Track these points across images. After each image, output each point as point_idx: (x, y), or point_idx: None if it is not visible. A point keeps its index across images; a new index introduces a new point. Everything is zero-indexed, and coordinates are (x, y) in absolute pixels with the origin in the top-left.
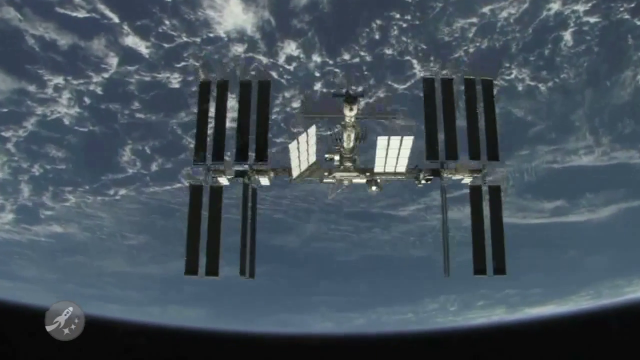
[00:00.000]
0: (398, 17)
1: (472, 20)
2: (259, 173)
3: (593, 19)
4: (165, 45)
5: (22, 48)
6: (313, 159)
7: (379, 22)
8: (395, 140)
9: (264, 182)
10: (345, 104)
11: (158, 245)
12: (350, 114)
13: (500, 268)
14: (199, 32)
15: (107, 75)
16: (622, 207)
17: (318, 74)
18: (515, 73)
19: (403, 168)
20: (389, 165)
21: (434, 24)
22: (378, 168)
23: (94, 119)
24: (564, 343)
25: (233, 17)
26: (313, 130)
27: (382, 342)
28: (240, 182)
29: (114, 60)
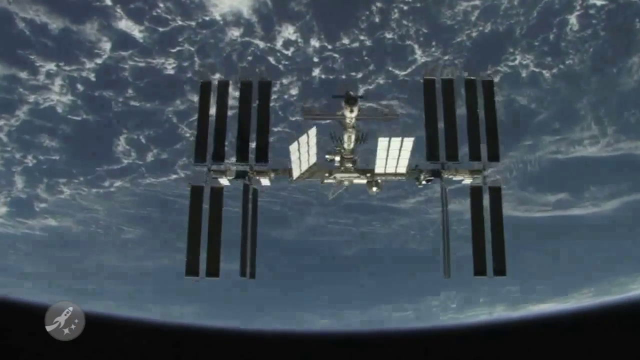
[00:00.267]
0: None
1: (475, 3)
2: (260, 174)
3: (599, 2)
4: (160, 29)
5: (12, 32)
6: (314, 160)
7: (379, 4)
8: (396, 142)
9: (265, 182)
10: (346, 106)
11: (154, 239)
12: (351, 115)
13: (500, 269)
14: (194, 15)
15: (100, 61)
16: (625, 200)
17: (317, 59)
18: (519, 59)
19: (404, 169)
20: (390, 166)
21: (436, 7)
22: (379, 169)
23: (88, 107)
24: (565, 341)
25: None
26: (313, 132)
27: (382, 340)
28: (241, 182)
29: (107, 45)
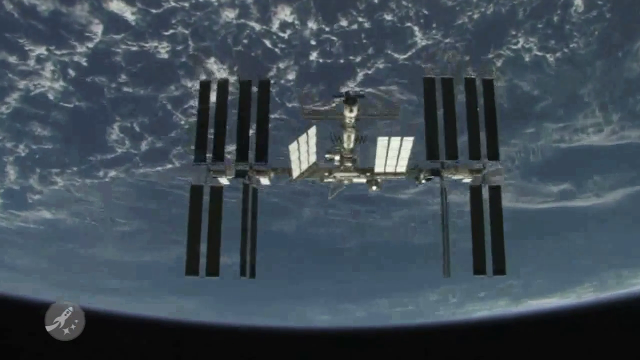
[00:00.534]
0: None
1: None
2: (259, 173)
3: None
4: (153, 11)
5: None
6: (313, 159)
7: None
8: (396, 141)
9: (264, 182)
10: (345, 105)
11: (150, 232)
12: (350, 115)
13: (500, 269)
14: None
15: (91, 45)
16: (629, 191)
17: (314, 42)
18: (522, 42)
19: (403, 168)
20: (389, 166)
21: None
22: (378, 168)
23: (80, 94)
24: (565, 338)
25: None
26: (313, 131)
27: (382, 336)
28: (241, 181)
29: (99, 28)
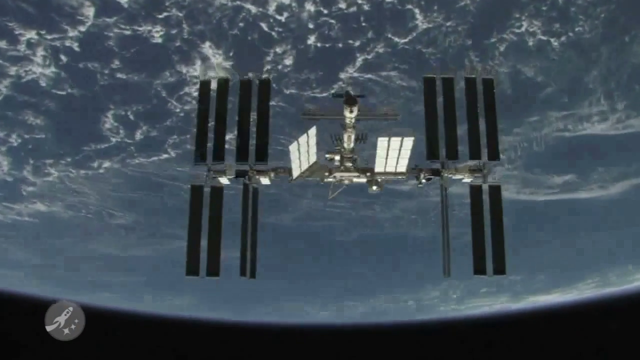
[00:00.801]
0: None
1: None
2: (260, 173)
3: None
4: None
5: None
6: (313, 159)
7: None
8: (396, 141)
9: (265, 181)
10: (345, 106)
11: (147, 225)
12: (351, 116)
13: (500, 269)
14: None
15: (83, 29)
16: (634, 182)
17: (312, 26)
18: (526, 26)
19: (404, 168)
20: (389, 166)
21: None
22: (378, 168)
23: (72, 81)
24: (566, 334)
25: None
26: (313, 131)
27: (382, 332)
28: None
29: (90, 11)
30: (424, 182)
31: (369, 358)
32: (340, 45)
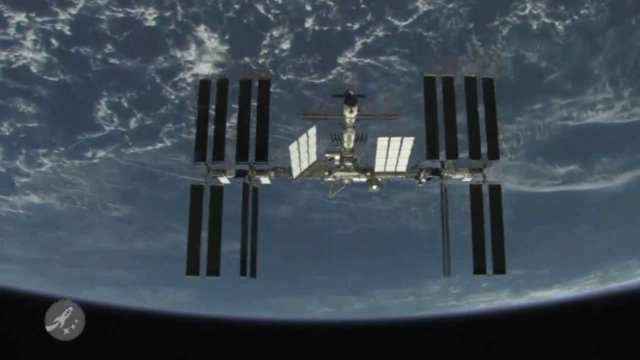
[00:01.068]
0: None
1: None
2: (259, 172)
3: None
4: None
5: None
6: (313, 159)
7: None
8: (396, 141)
9: (264, 181)
10: (345, 106)
11: (143, 218)
12: (351, 116)
13: (500, 269)
14: None
15: (74, 12)
16: (639, 173)
17: (309, 8)
18: (530, 8)
19: (404, 168)
20: (389, 165)
21: None
22: (378, 168)
23: (64, 66)
24: (567, 331)
25: None
26: (313, 131)
27: (382, 328)
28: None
29: None
30: (424, 181)
31: (369, 355)
32: (339, 29)
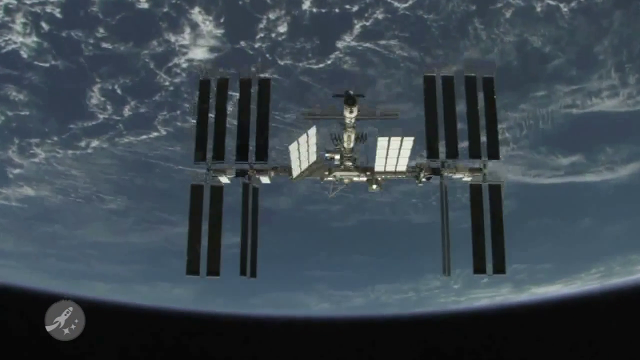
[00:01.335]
0: None
1: None
2: (259, 172)
3: None
4: None
5: None
6: (313, 159)
7: None
8: (396, 141)
9: (264, 180)
10: (346, 106)
11: (138, 210)
12: (351, 116)
13: (500, 268)
14: None
15: None
16: None
17: None
18: None
19: (403, 167)
20: (389, 165)
21: None
22: (378, 167)
23: (55, 51)
24: (568, 327)
25: None
26: (313, 131)
27: (382, 325)
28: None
29: None
30: (424, 180)
31: (368, 352)
32: (337, 11)
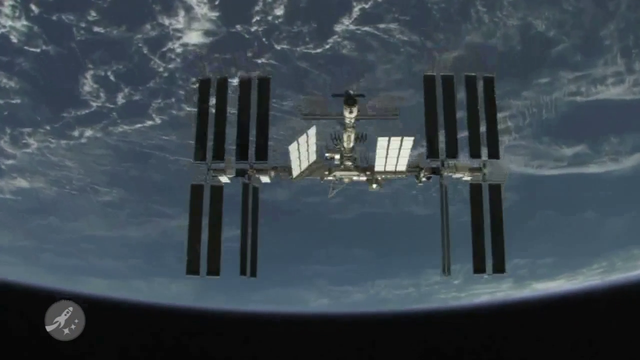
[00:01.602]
0: None
1: None
2: (259, 171)
3: None
4: None
5: None
6: (313, 159)
7: None
8: (396, 141)
9: (264, 180)
10: (345, 106)
11: (134, 202)
12: (350, 116)
13: (500, 268)
14: None
15: None
16: None
17: None
18: None
19: (403, 167)
20: (389, 165)
21: None
22: (378, 167)
23: (46, 36)
24: (569, 324)
25: None
26: (313, 131)
27: (381, 321)
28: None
29: None
30: (424, 180)
31: (367, 348)
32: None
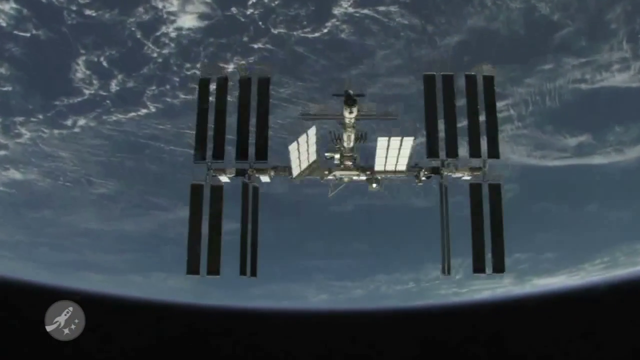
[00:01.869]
0: None
1: None
2: (259, 171)
3: None
4: None
5: None
6: (313, 158)
7: None
8: (396, 141)
9: (264, 180)
10: (345, 106)
11: (129, 195)
12: (350, 116)
13: (500, 268)
14: None
15: None
16: None
17: None
18: None
19: (403, 167)
20: (389, 165)
21: None
22: (378, 167)
23: (37, 19)
24: (570, 321)
25: None
26: (313, 131)
27: (381, 318)
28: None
29: None
30: (424, 180)
31: (367, 346)
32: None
